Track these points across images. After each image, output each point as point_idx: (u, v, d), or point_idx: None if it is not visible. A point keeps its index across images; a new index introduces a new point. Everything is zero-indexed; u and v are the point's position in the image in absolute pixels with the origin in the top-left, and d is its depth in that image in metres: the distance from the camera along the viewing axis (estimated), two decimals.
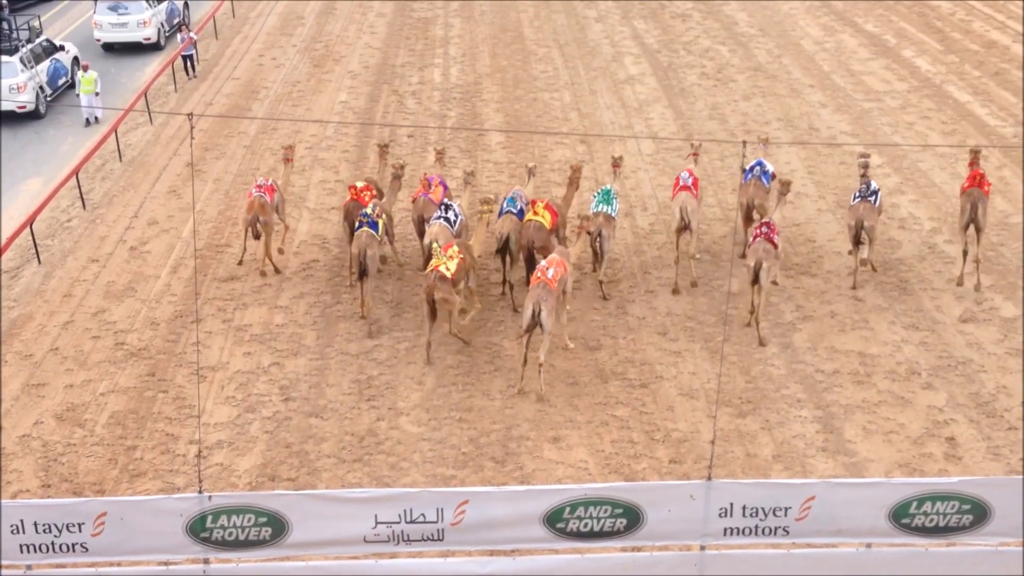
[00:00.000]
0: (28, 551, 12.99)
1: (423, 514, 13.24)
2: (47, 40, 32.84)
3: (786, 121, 28.83)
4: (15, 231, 22.81)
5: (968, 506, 13.37)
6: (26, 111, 30.39)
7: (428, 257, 19.14)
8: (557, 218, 20.12)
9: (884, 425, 17.05)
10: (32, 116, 30.66)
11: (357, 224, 20.04)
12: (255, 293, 20.99)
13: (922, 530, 13.53)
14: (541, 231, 19.48)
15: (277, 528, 13.25)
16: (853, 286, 20.70)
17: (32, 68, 30.90)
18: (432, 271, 18.23)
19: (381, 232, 20.13)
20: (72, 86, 32.14)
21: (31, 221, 22.97)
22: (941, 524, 13.49)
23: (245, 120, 29.76)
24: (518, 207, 20.23)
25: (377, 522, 13.26)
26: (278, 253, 21.97)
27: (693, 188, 20.68)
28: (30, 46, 31.49)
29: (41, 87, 31.13)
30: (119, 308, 20.68)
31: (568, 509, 13.33)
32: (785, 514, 13.41)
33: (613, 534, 13.46)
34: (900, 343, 19.10)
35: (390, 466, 16.30)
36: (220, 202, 24.91)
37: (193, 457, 16.38)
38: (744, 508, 13.40)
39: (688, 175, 20.89)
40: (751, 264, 18.82)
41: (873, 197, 20.44)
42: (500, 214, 20.37)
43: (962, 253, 20.70)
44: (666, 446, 16.66)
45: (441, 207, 20.26)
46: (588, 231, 19.60)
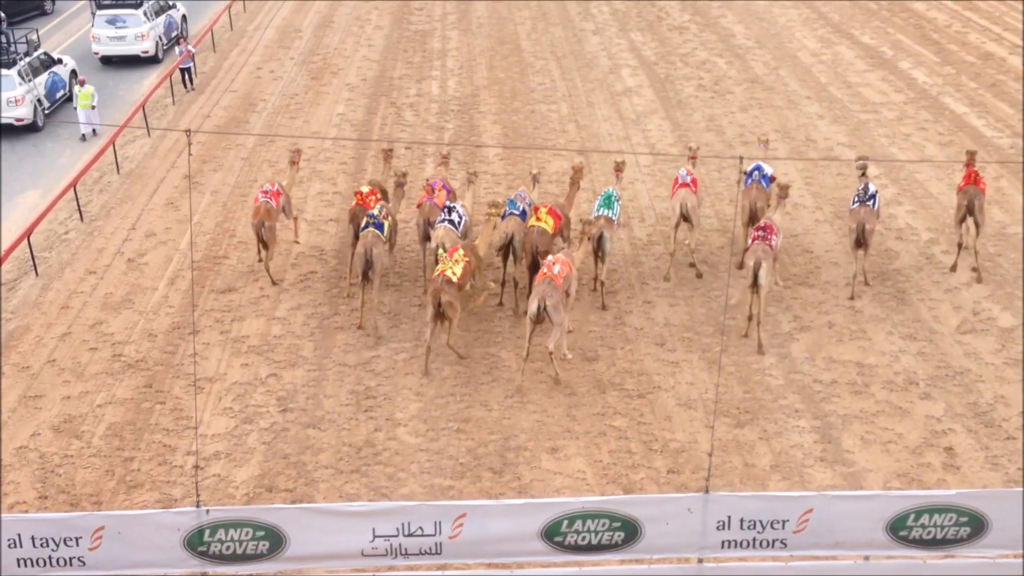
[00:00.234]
0: (25, 565, 12.94)
1: (421, 527, 13.22)
2: (45, 53, 32.89)
3: (783, 132, 28.87)
4: (13, 243, 22.79)
5: (965, 518, 13.37)
6: (24, 124, 30.42)
7: (435, 261, 19.36)
8: (560, 221, 20.43)
9: (882, 435, 17.03)
10: (30, 129, 30.68)
11: (363, 224, 20.17)
12: (252, 304, 20.99)
13: (920, 542, 13.52)
14: (544, 236, 19.74)
15: (275, 542, 13.23)
16: (851, 297, 20.75)
17: (30, 81, 30.93)
18: (439, 275, 18.41)
19: (387, 233, 20.25)
20: (70, 99, 32.17)
21: (29, 233, 22.96)
22: (939, 536, 13.49)
23: (243, 131, 29.81)
24: (520, 208, 20.56)
25: (375, 536, 13.24)
26: (294, 243, 22.93)
27: (692, 186, 21.29)
28: (28, 59, 31.52)
29: (39, 100, 31.17)
30: (116, 320, 20.66)
31: (566, 523, 13.32)
32: (783, 527, 13.40)
33: (611, 547, 13.45)
34: (898, 353, 19.10)
35: (388, 477, 16.27)
36: (218, 214, 24.92)
37: (190, 468, 16.34)
38: (742, 521, 13.40)
39: (687, 173, 21.59)
40: (750, 264, 19.00)
41: (871, 201, 20.69)
42: (503, 216, 20.62)
43: (957, 246, 21.48)
44: (664, 456, 16.64)
45: (444, 210, 20.43)
46: (589, 236, 19.75)
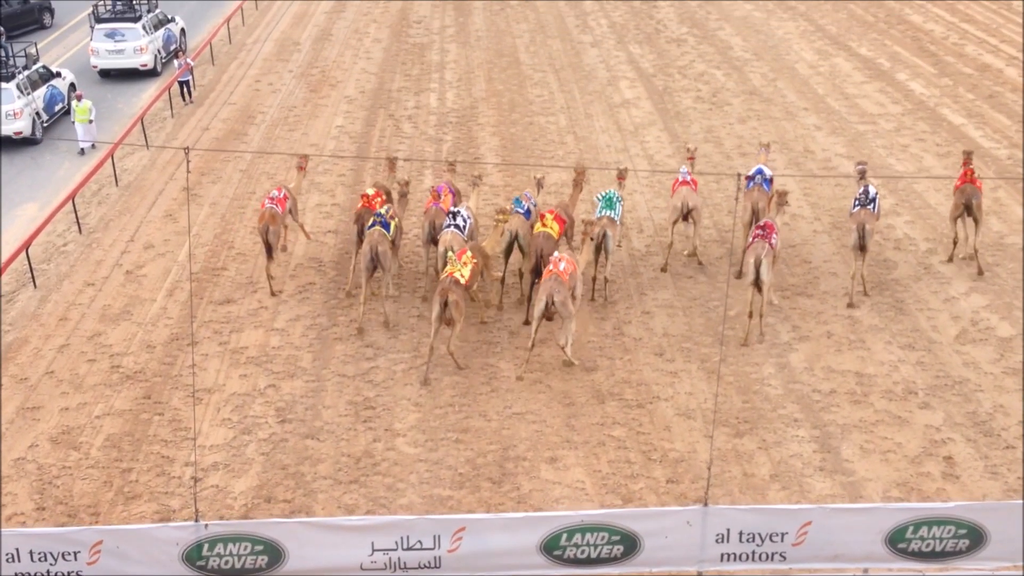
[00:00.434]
0: None
1: (420, 541, 13.23)
2: (44, 66, 32.97)
3: (781, 144, 28.91)
4: (11, 256, 22.80)
5: (964, 531, 13.38)
6: (22, 137, 30.46)
7: (444, 264, 19.60)
8: (564, 225, 20.80)
9: (881, 444, 17.01)
10: (29, 142, 30.72)
11: (369, 224, 20.37)
12: (251, 316, 20.97)
13: (919, 555, 13.54)
14: (550, 240, 20.03)
15: (273, 556, 13.22)
16: (849, 303, 20.84)
17: (29, 94, 30.99)
18: (447, 276, 18.62)
19: (392, 233, 20.41)
20: (68, 112, 32.21)
21: (27, 245, 22.96)
22: (938, 549, 13.51)
23: (242, 144, 29.85)
24: (524, 207, 21.06)
25: (374, 549, 13.25)
26: (306, 239, 23.56)
27: (692, 184, 21.90)
28: (27, 72, 31.59)
29: (38, 113, 31.23)
30: (115, 331, 20.64)
31: (565, 536, 13.34)
32: (782, 539, 13.43)
33: (610, 561, 13.46)
34: (897, 363, 19.09)
35: (387, 487, 16.23)
36: (216, 226, 24.92)
37: (189, 479, 16.31)
38: (741, 534, 13.43)
39: (687, 171, 22.13)
40: (751, 261, 19.29)
41: (872, 205, 21.00)
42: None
43: (952, 242, 22.24)
44: (663, 466, 16.61)
45: (449, 215, 20.65)
46: (591, 237, 20.01)
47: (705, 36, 39.27)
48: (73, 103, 31.10)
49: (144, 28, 36.60)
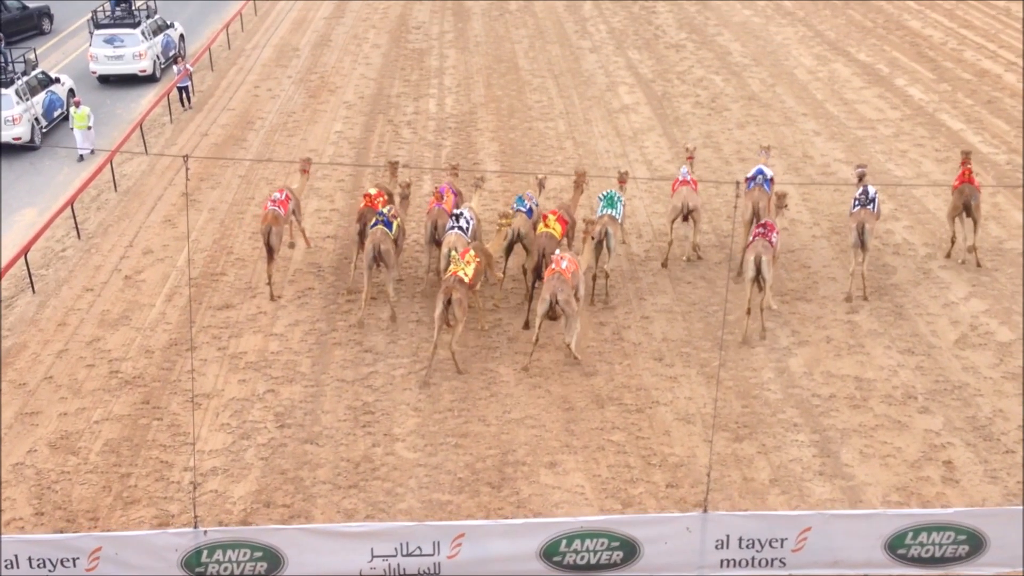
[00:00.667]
0: None
1: (419, 547, 13.24)
2: (43, 72, 32.98)
3: (780, 149, 28.92)
4: (10, 261, 22.79)
5: (964, 536, 13.40)
6: (21, 143, 30.46)
7: (446, 264, 19.74)
8: (566, 226, 21.00)
9: (881, 449, 16.99)
10: (28, 147, 30.72)
11: (372, 223, 20.53)
12: (250, 321, 20.96)
13: (919, 560, 13.55)
14: (552, 241, 20.26)
15: (272, 562, 13.21)
16: (847, 298, 21.02)
17: (28, 100, 31.00)
18: (451, 275, 18.74)
19: (395, 232, 20.53)
20: (67, 118, 32.21)
21: (26, 251, 22.95)
22: (937, 554, 13.54)
23: (241, 150, 29.85)
24: (527, 206, 21.31)
25: (373, 556, 13.27)
26: (306, 245, 23.55)
27: (693, 184, 22.15)
28: (26, 78, 31.60)
29: (37, 119, 31.24)
30: (113, 336, 20.63)
31: (565, 542, 13.35)
32: (781, 545, 13.44)
33: (610, 567, 13.47)
34: (896, 367, 19.08)
35: (386, 492, 16.21)
36: (215, 231, 24.92)
37: (187, 484, 16.29)
38: (740, 540, 13.45)
39: (687, 171, 22.42)
40: (751, 259, 19.49)
41: (871, 204, 21.22)
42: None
43: (951, 240, 22.63)
44: (663, 471, 16.59)
45: (453, 218, 20.79)
46: (592, 236, 20.18)
47: (704, 42, 39.31)
48: (71, 110, 31.10)
49: (143, 34, 36.63)
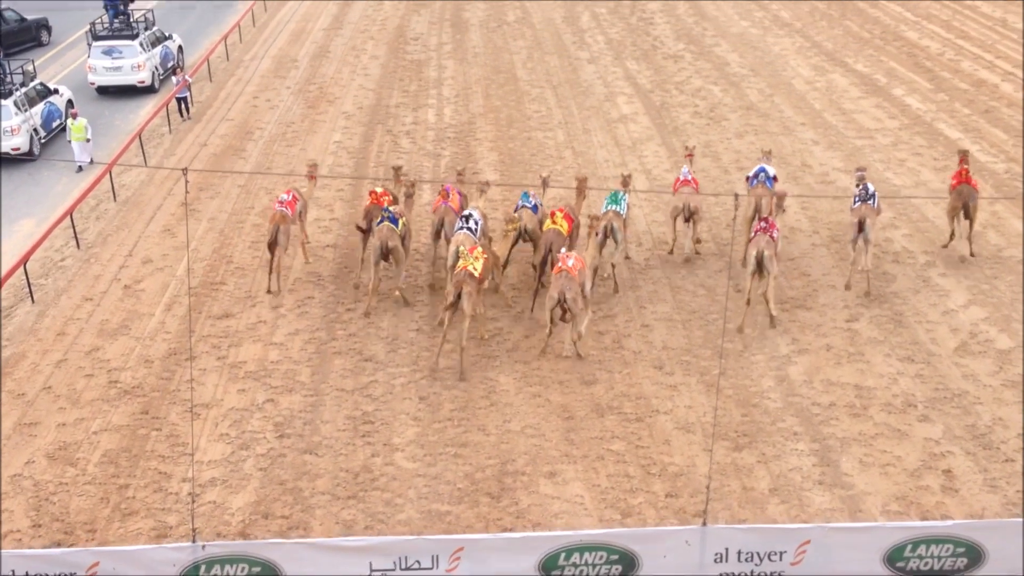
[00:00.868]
0: None
1: (418, 561, 13.28)
2: (41, 83, 33.02)
3: (779, 158, 28.92)
4: (9, 271, 22.76)
5: (963, 549, 13.42)
6: (20, 153, 30.47)
7: (455, 261, 19.99)
8: (572, 224, 21.24)
9: (881, 458, 16.97)
10: (26, 158, 30.73)
11: (378, 220, 20.81)
12: (249, 330, 20.94)
13: (918, 573, 13.59)
14: (560, 237, 20.64)
15: None
16: (847, 286, 21.61)
17: (26, 111, 31.04)
18: (461, 270, 18.96)
19: (401, 228, 20.78)
20: (65, 129, 32.22)
21: (25, 261, 22.93)
22: (936, 567, 13.59)
23: (240, 160, 29.86)
24: (532, 203, 21.68)
25: (372, 570, 13.32)
26: (305, 243, 23.49)
27: (694, 184, 22.51)
28: (24, 89, 31.64)
29: (35, 130, 31.26)
30: (113, 346, 20.60)
31: (564, 555, 13.36)
32: (780, 558, 13.47)
33: None
34: (896, 375, 19.06)
35: (385, 502, 16.17)
36: (215, 240, 24.91)
37: (186, 495, 16.23)
38: (739, 553, 13.46)
39: (687, 171, 22.82)
40: (752, 254, 19.89)
41: (871, 200, 21.60)
42: (516, 209, 21.91)
43: (949, 235, 23.23)
44: (662, 480, 16.56)
45: (462, 219, 20.99)
46: (597, 232, 20.47)
47: (702, 52, 39.37)
48: (68, 121, 31.11)
49: (142, 45, 36.68)
